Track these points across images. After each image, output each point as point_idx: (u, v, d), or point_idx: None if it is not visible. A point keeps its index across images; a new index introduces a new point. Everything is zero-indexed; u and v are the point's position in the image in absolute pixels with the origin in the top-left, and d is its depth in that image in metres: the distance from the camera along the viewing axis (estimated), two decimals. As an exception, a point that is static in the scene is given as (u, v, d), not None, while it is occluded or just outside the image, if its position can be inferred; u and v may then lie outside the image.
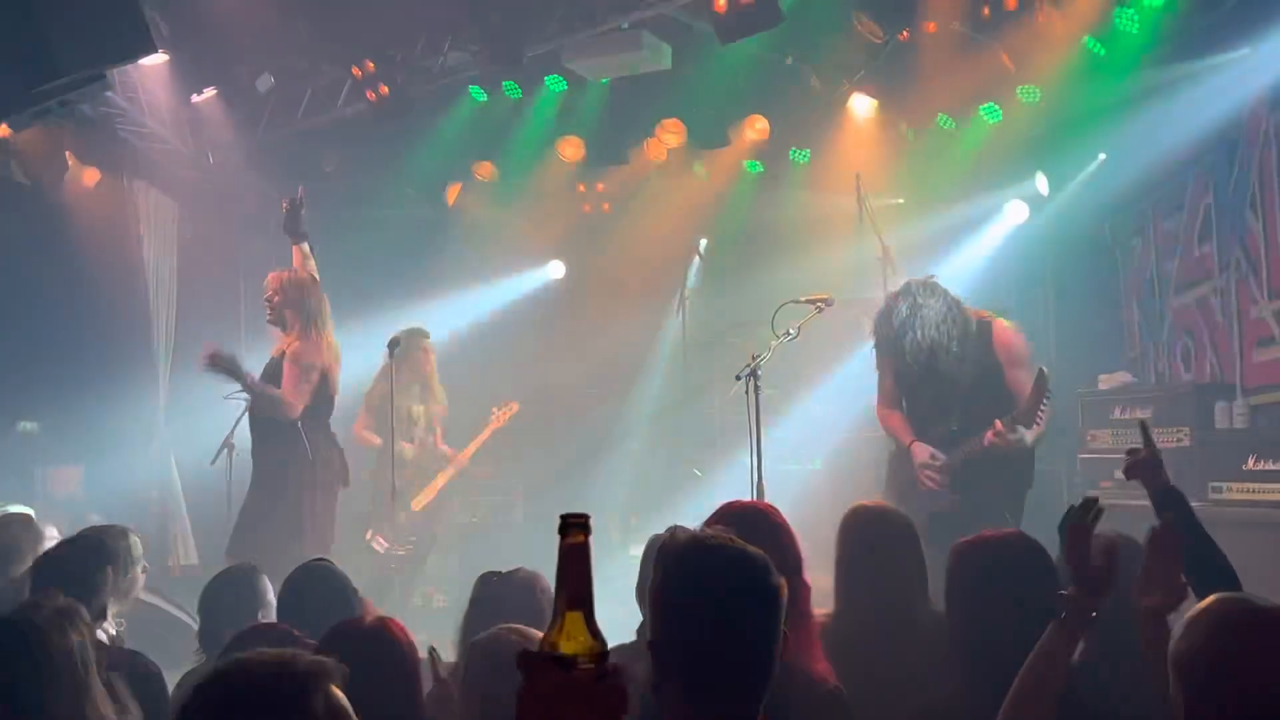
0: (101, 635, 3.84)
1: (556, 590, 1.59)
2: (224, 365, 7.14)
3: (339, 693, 2.07)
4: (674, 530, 4.07)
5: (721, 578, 2.37)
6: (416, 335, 9.39)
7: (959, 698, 3.04)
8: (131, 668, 3.88)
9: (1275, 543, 6.17)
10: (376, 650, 2.96)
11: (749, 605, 2.36)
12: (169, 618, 7.49)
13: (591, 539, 1.62)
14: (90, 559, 4.59)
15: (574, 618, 1.57)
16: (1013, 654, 2.83)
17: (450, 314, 10.62)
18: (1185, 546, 3.02)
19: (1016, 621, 2.91)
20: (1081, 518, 2.83)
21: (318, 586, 4.30)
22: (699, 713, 2.31)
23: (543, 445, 10.55)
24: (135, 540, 5.01)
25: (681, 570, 2.40)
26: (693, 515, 3.90)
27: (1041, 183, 9.19)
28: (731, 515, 3.27)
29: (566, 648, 1.55)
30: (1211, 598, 2.44)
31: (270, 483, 7.26)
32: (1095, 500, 2.84)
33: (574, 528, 1.60)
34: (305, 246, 7.61)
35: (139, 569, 4.95)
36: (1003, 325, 6.22)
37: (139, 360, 10.24)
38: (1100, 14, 7.76)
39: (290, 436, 7.25)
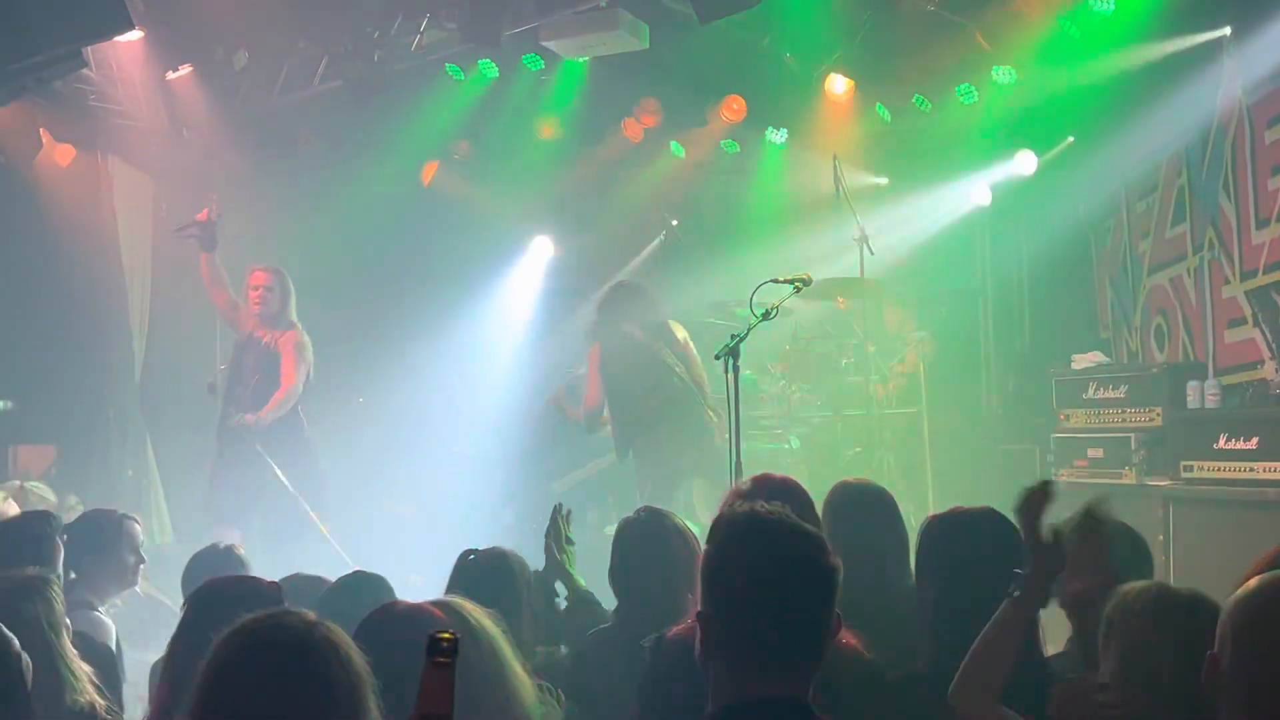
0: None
1: (416, 711, 1.59)
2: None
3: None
4: (644, 511, 4.14)
5: (775, 553, 2.30)
6: None
7: (930, 670, 3.07)
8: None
9: (1245, 520, 6.27)
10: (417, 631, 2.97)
11: (802, 583, 2.29)
12: (148, 598, 7.49)
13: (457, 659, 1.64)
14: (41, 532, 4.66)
15: None
16: (983, 627, 2.85)
17: (430, 298, 10.62)
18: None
19: (987, 595, 2.92)
20: (1034, 499, 2.83)
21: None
22: (746, 690, 2.25)
23: (525, 419, 10.51)
24: (131, 528, 5.08)
25: (734, 543, 2.34)
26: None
27: (1026, 160, 9.21)
28: (771, 488, 3.27)
29: None
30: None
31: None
32: (1049, 483, 2.84)
33: (440, 650, 1.63)
34: (216, 258, 8.26)
35: (132, 558, 4.99)
36: None
37: (114, 337, 10.18)
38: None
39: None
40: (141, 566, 5.11)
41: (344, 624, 2.27)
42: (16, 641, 3.15)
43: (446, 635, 1.64)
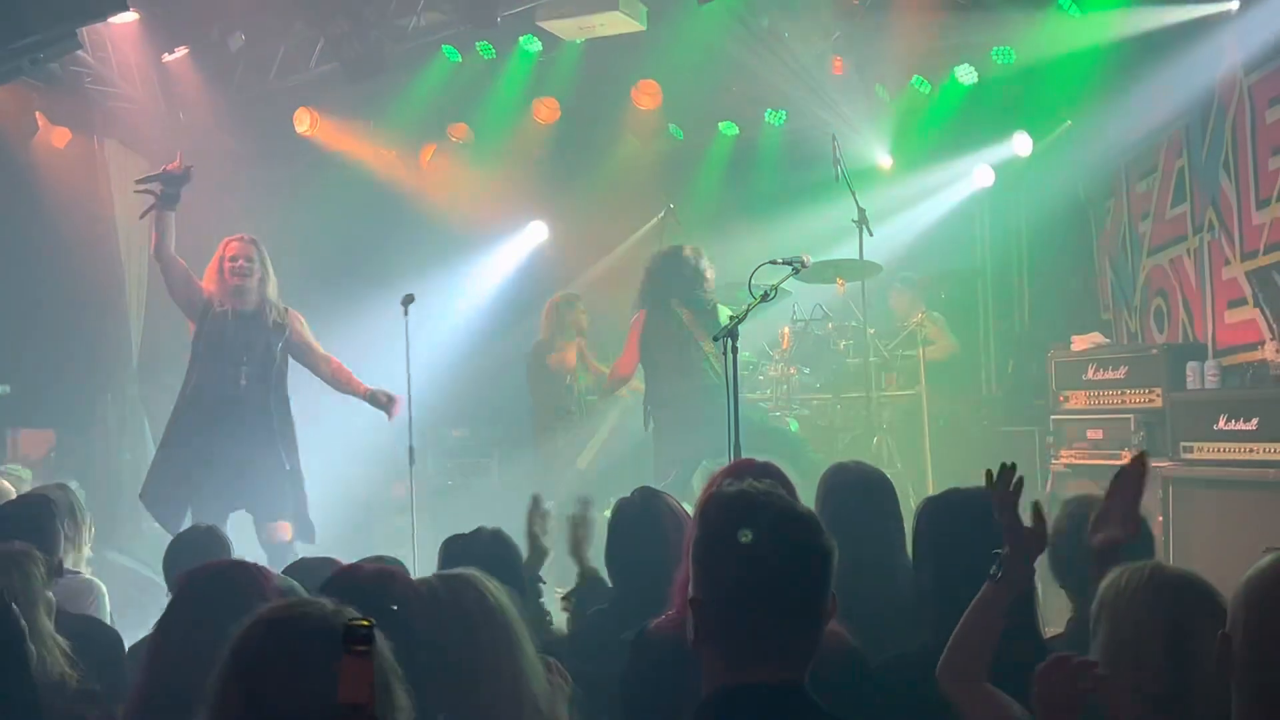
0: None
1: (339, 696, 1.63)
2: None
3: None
4: (639, 493, 4.12)
5: (769, 535, 2.18)
6: (573, 299, 9.80)
7: (926, 651, 3.05)
8: (86, 634, 3.86)
9: (1245, 501, 6.26)
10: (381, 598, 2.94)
11: (798, 565, 2.19)
12: (142, 579, 7.55)
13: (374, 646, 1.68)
14: (42, 513, 4.68)
15: None
16: None
17: (429, 277, 10.57)
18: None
19: (983, 576, 2.86)
20: (1003, 483, 2.82)
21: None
22: (741, 676, 2.17)
23: (520, 404, 10.47)
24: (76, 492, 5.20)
25: (726, 526, 2.21)
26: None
27: (1022, 143, 9.21)
28: (750, 475, 3.23)
29: None
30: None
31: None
32: (1013, 466, 2.82)
33: (358, 638, 1.66)
34: (172, 219, 7.09)
35: (87, 521, 5.08)
36: None
37: (111, 320, 10.17)
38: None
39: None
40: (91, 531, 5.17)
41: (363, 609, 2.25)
42: (21, 618, 3.14)
43: (364, 623, 1.66)
